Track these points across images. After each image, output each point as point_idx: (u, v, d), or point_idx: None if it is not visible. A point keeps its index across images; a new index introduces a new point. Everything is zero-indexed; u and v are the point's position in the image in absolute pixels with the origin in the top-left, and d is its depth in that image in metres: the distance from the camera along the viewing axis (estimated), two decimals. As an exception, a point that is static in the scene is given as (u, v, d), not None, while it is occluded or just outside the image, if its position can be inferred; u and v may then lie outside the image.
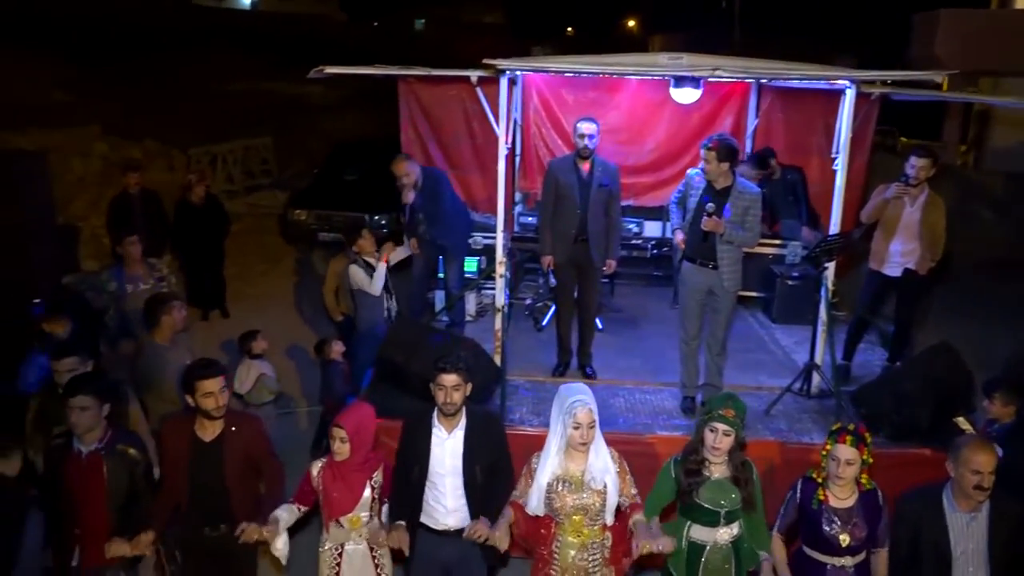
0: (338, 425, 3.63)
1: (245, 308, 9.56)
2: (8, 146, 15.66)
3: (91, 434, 3.71)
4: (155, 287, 5.97)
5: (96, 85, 21.10)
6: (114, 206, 8.28)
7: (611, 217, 5.53)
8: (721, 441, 3.49)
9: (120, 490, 3.73)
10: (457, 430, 3.66)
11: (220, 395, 3.66)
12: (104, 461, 3.72)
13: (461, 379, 3.59)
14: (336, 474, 3.67)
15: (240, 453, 3.76)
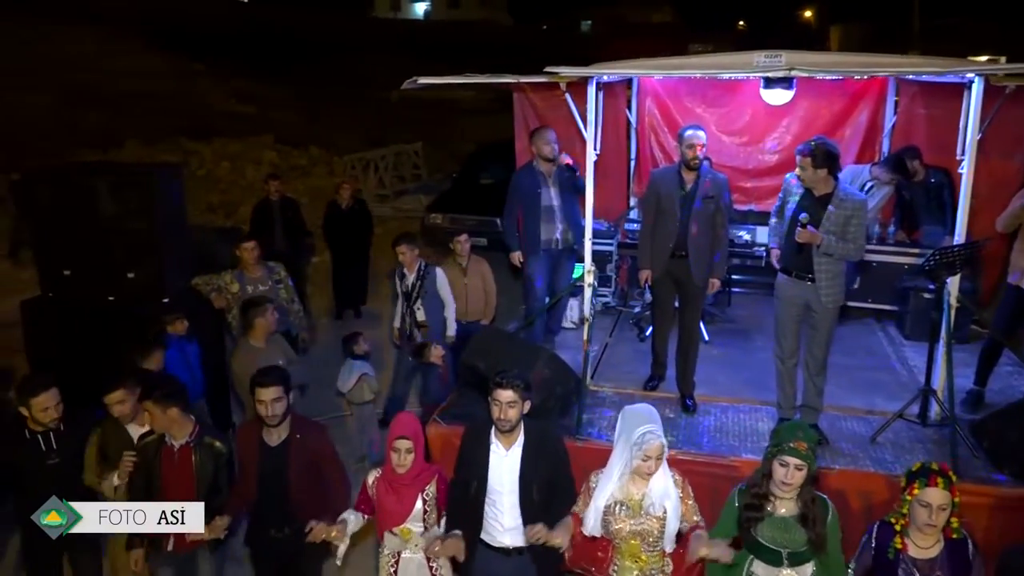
0: (402, 437, 3.62)
1: (377, 308, 9.98)
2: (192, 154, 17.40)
3: (178, 430, 3.98)
4: (272, 289, 6.35)
5: (275, 97, 22.84)
6: (256, 211, 8.97)
7: (716, 232, 5.19)
8: (792, 476, 3.15)
9: (206, 480, 3.96)
10: (515, 447, 3.57)
11: (272, 404, 3.75)
12: (193, 453, 3.97)
13: (517, 396, 3.49)
14: (389, 486, 3.70)
15: (304, 458, 3.85)
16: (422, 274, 6.39)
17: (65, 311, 6.09)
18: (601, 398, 5.41)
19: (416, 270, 6.40)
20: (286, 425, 3.87)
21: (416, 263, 6.40)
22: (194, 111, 20.46)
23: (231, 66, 24.06)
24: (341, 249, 9.44)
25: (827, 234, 4.50)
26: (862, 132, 7.05)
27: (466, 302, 6.91)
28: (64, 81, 19.64)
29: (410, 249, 6.38)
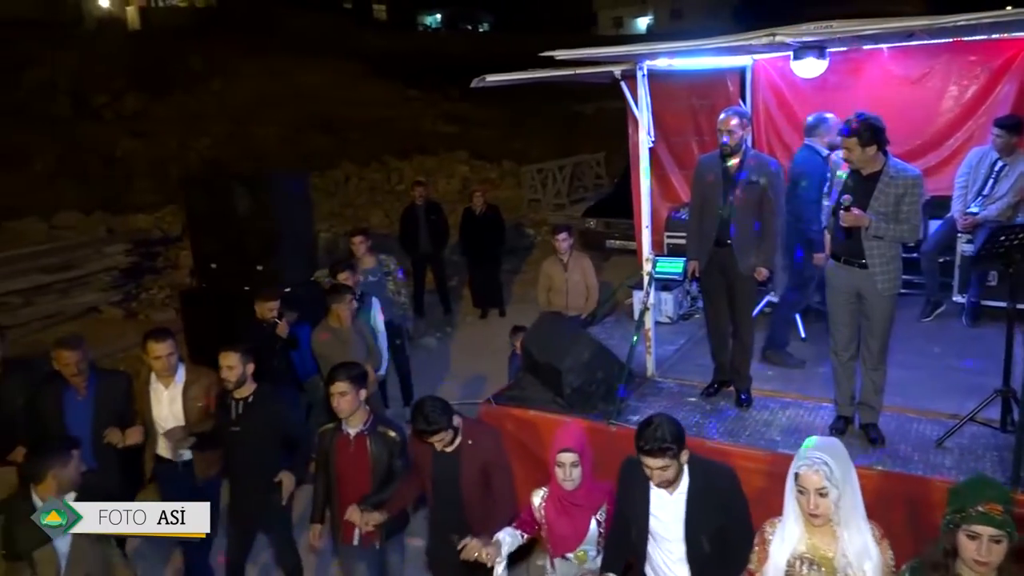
0: (567, 450, 3.39)
1: (526, 309, 10.34)
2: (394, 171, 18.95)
3: (355, 417, 3.93)
4: (381, 280, 6.93)
5: (478, 117, 24.16)
6: (404, 215, 9.75)
7: (765, 219, 4.86)
8: (989, 552, 2.39)
9: (381, 469, 3.94)
10: (679, 493, 3.17)
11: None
12: (368, 442, 3.94)
13: (667, 460, 3.07)
14: (560, 507, 3.47)
15: (477, 465, 3.70)
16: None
17: (213, 299, 7.10)
18: (659, 388, 5.31)
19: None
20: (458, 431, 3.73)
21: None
22: (404, 133, 22.31)
23: (443, 91, 25.85)
24: (475, 253, 9.91)
25: (876, 215, 4.11)
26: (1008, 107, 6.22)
27: (567, 297, 7.07)
28: (297, 110, 22.34)
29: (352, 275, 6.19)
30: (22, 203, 15.42)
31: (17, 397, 4.61)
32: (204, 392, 4.57)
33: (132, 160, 18.33)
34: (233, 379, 4.24)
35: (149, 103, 22.57)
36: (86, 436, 4.34)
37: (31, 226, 13.77)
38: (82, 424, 4.43)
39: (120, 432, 4.44)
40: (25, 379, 4.67)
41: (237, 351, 4.25)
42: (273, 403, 4.34)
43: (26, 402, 4.56)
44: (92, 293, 10.61)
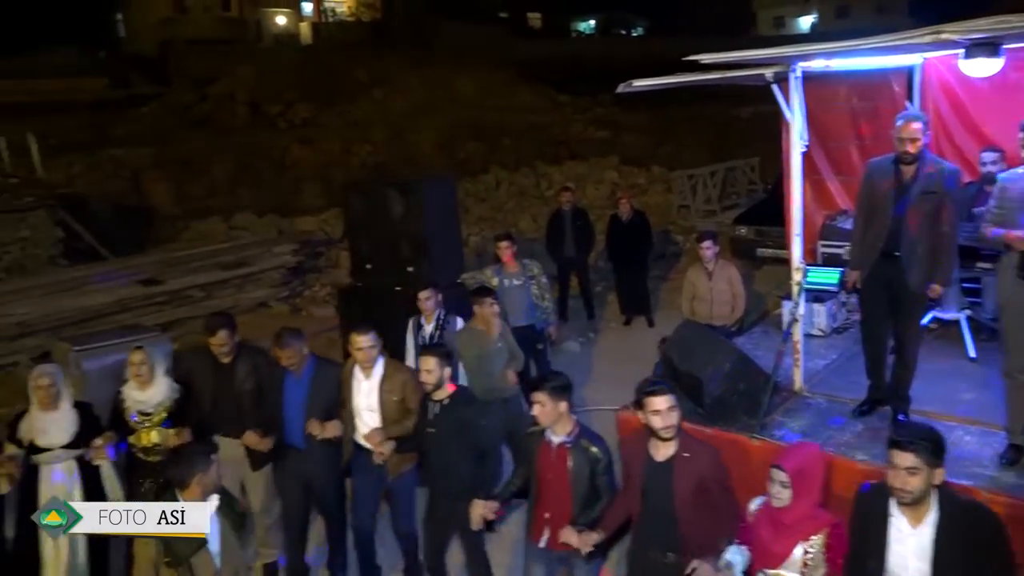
0: (778, 467, 3.30)
1: (675, 317, 10.16)
2: (543, 176, 19.17)
3: (559, 427, 3.87)
4: (525, 284, 7.05)
5: (629, 122, 24.00)
6: (551, 221, 9.86)
7: (942, 232, 4.51)
8: None
9: (581, 483, 3.84)
10: (925, 525, 2.87)
11: (668, 414, 3.51)
12: (569, 453, 3.86)
13: (919, 461, 2.79)
14: (770, 519, 3.37)
15: (692, 480, 3.54)
16: (441, 324, 6.03)
17: (368, 297, 7.46)
18: (807, 403, 5.08)
19: (435, 319, 6.05)
20: (675, 441, 3.60)
21: (436, 312, 6.06)
22: (555, 139, 22.55)
23: (595, 96, 25.87)
24: (621, 259, 9.85)
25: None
26: None
27: (711, 306, 6.91)
28: (452, 118, 23.10)
29: (434, 295, 6.05)
30: (206, 205, 16.93)
31: (247, 380, 5.04)
32: (399, 387, 4.77)
33: (301, 166, 19.63)
34: (431, 382, 4.36)
35: (317, 112, 24.09)
36: (299, 418, 4.73)
37: (213, 226, 15.06)
38: (297, 406, 4.82)
39: (320, 424, 4.74)
40: (255, 363, 5.09)
41: (435, 354, 4.37)
42: (465, 408, 4.44)
43: (255, 386, 5.00)
44: (263, 289, 11.45)
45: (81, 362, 6.84)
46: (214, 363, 5.19)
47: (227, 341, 5.08)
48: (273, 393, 5.02)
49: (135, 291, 10.26)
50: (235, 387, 5.13)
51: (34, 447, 4.82)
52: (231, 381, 5.15)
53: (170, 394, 5.03)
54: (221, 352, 5.11)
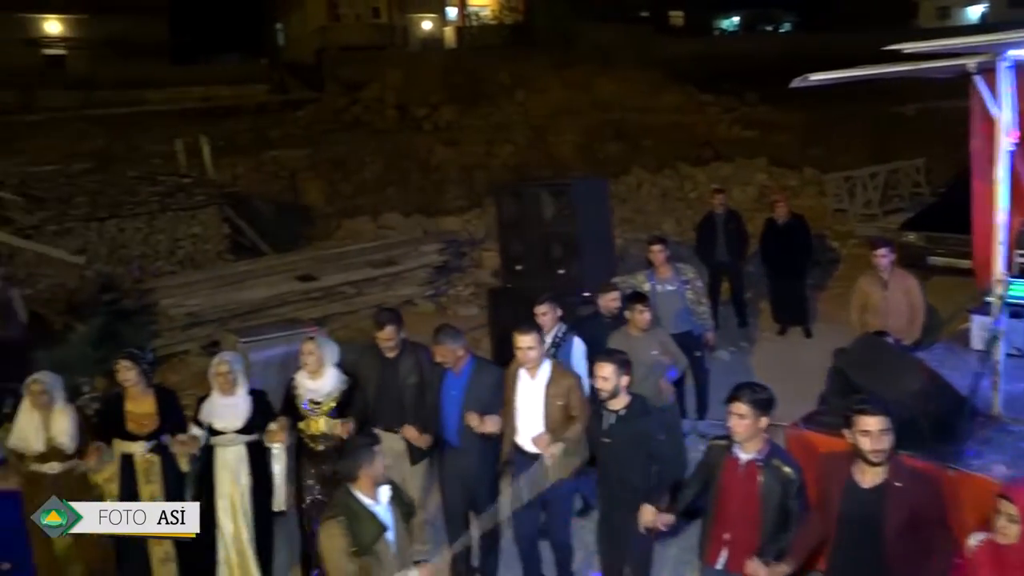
0: (1005, 497, 3.12)
1: (834, 329, 9.55)
2: (687, 178, 18.67)
3: (750, 443, 3.70)
4: (679, 290, 6.79)
5: (778, 122, 23.00)
6: (702, 223, 9.51)
7: None
8: None
9: (771, 504, 3.63)
10: None
11: (880, 437, 3.27)
12: (759, 472, 3.66)
13: None
14: (994, 557, 3.13)
15: (905, 512, 3.28)
16: (557, 342, 5.66)
17: (517, 299, 7.43)
18: (1007, 430, 4.58)
19: (552, 336, 5.64)
20: (884, 467, 3.34)
21: (554, 328, 5.66)
22: (698, 139, 21.92)
23: (740, 95, 24.97)
24: (777, 265, 9.35)
25: None
26: None
27: (886, 318, 6.42)
28: (593, 119, 22.93)
29: (552, 309, 5.67)
30: (356, 204, 17.59)
31: (410, 375, 5.18)
32: (564, 392, 4.72)
33: (445, 167, 20.04)
34: (607, 389, 4.27)
35: (461, 114, 24.56)
36: (456, 416, 4.79)
37: (363, 225, 15.60)
38: (454, 404, 4.89)
39: (480, 418, 4.75)
40: (419, 359, 5.22)
41: (613, 361, 4.28)
42: (642, 420, 4.31)
43: (417, 381, 5.13)
44: (410, 287, 11.71)
45: (248, 353, 7.19)
46: (380, 358, 5.34)
47: (393, 336, 5.21)
48: (433, 390, 5.09)
49: (293, 286, 10.73)
50: (398, 382, 5.27)
51: (212, 430, 5.10)
52: (395, 376, 5.29)
53: (339, 385, 5.20)
54: (387, 346, 5.24)
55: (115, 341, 9.94)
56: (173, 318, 9.82)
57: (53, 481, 4.88)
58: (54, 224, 11.33)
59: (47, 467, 4.89)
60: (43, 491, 4.85)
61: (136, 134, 22.28)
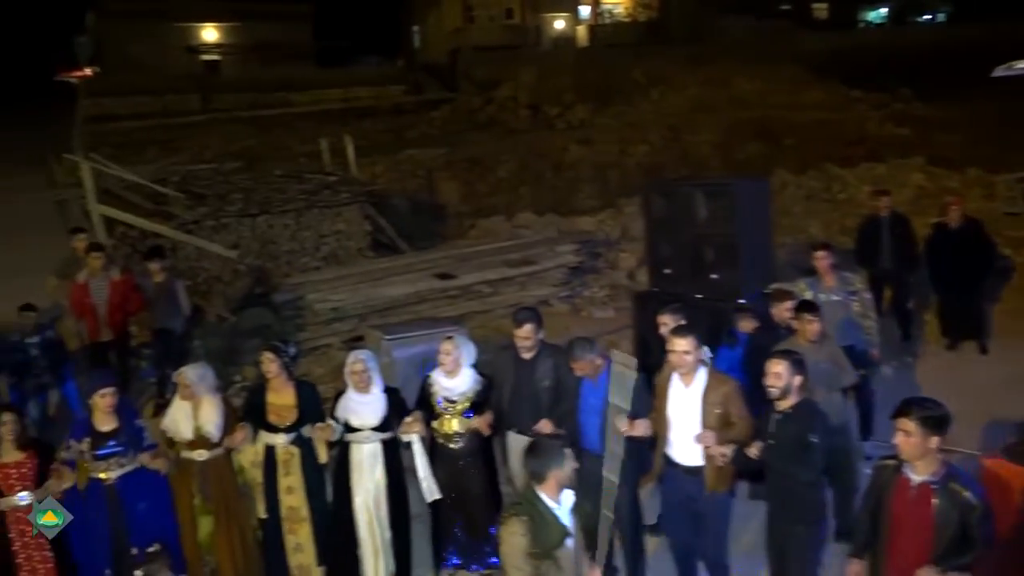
0: None
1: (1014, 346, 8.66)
2: (835, 179, 17.64)
3: (922, 464, 3.48)
4: (844, 300, 6.30)
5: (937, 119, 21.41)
6: (863, 227, 8.86)
7: None
8: None
9: (946, 531, 3.38)
10: None
11: None
12: (933, 495, 3.42)
13: None
14: None
15: None
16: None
17: (665, 303, 7.12)
18: None
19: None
20: None
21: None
22: (846, 138, 20.68)
23: (892, 91, 23.45)
24: (948, 274, 8.55)
25: None
26: None
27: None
28: (731, 117, 22.07)
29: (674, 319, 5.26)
30: (490, 203, 17.69)
31: (546, 377, 5.10)
32: (722, 399, 4.49)
33: (578, 166, 19.84)
34: (779, 386, 4.14)
35: (593, 113, 24.29)
36: (596, 423, 4.67)
37: (497, 224, 15.64)
38: (594, 411, 4.76)
39: (629, 422, 4.57)
40: (555, 362, 5.12)
41: (786, 358, 4.13)
42: (807, 420, 4.09)
43: (553, 384, 5.05)
44: (545, 287, 11.58)
45: (392, 350, 7.25)
46: (515, 358, 5.27)
47: (531, 335, 5.12)
48: (570, 396, 4.98)
49: (432, 284, 10.82)
50: (534, 384, 5.17)
51: (348, 426, 5.16)
52: (530, 377, 5.20)
53: (474, 385, 5.19)
54: (524, 346, 5.16)
55: (264, 333, 10.40)
56: (318, 312, 10.10)
57: (200, 468, 5.09)
58: (212, 220, 11.94)
59: (195, 454, 5.07)
60: (191, 477, 5.12)
61: (282, 134, 23.38)
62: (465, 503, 5.25)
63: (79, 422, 5.10)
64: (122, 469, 4.90)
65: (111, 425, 4.92)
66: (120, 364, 7.79)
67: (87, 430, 4.91)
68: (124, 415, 5.01)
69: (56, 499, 4.72)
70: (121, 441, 4.90)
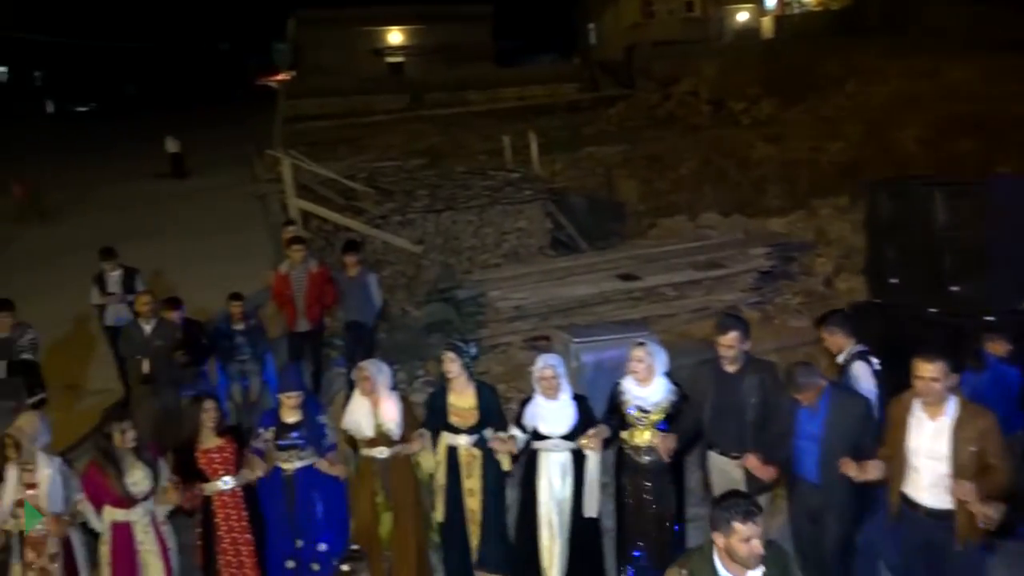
0: None
1: None
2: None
3: None
4: None
5: None
6: None
7: None
8: None
9: None
10: None
11: None
12: None
13: None
14: None
15: None
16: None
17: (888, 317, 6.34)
18: None
19: None
20: None
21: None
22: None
23: None
24: None
25: None
26: None
27: None
28: (940, 111, 19.99)
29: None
30: (670, 202, 17.05)
31: (752, 395, 4.68)
32: (977, 436, 3.87)
33: (765, 164, 18.73)
34: None
35: (781, 108, 22.89)
36: (812, 450, 4.24)
37: (680, 224, 15.02)
38: (811, 438, 4.32)
39: (857, 465, 4.08)
40: (763, 379, 4.70)
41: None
42: None
43: (760, 402, 4.63)
44: (733, 293, 10.88)
45: (580, 354, 6.97)
46: (717, 371, 4.83)
47: (735, 344, 4.69)
48: (783, 419, 4.50)
49: (615, 285, 10.46)
50: (739, 401, 4.72)
51: (536, 434, 5.00)
52: (735, 394, 4.75)
53: (668, 395, 4.87)
54: (727, 356, 4.73)
55: (445, 329, 10.46)
56: (500, 310, 10.01)
57: (381, 465, 5.08)
58: (399, 215, 12.21)
59: (376, 451, 5.06)
60: (371, 476, 5.10)
61: (461, 132, 23.83)
62: (648, 522, 4.94)
63: (267, 412, 5.26)
64: (301, 462, 4.97)
65: (296, 418, 5.00)
66: (314, 356, 7.98)
67: (274, 420, 5.03)
68: (309, 410, 5.08)
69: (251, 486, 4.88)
70: (303, 435, 4.97)
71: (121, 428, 4.56)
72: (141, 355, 6.54)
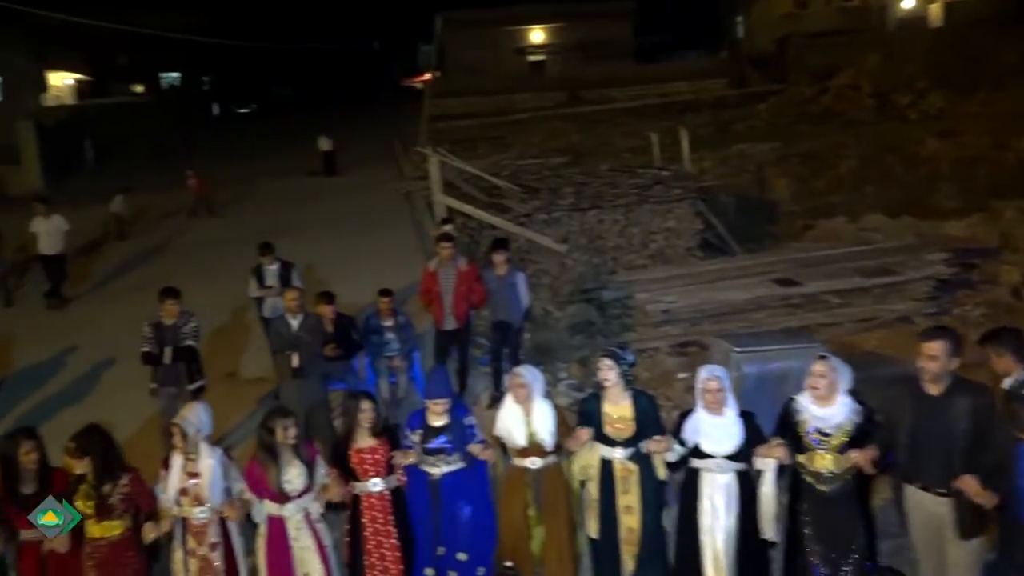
0: None
1: None
2: None
3: None
4: None
5: None
6: None
7: None
8: None
9: None
10: None
11: None
12: None
13: None
14: None
15: None
16: None
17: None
18: None
19: None
20: None
21: None
22: None
23: None
24: None
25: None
26: None
27: None
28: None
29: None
30: (827, 202, 15.98)
31: (961, 421, 4.13)
32: None
33: (936, 162, 17.23)
34: None
35: (953, 102, 21.05)
36: None
37: (840, 226, 14.02)
38: None
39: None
40: (975, 403, 4.13)
41: None
42: None
43: (970, 430, 4.10)
44: (906, 302, 9.95)
45: (742, 365, 6.48)
46: (916, 393, 4.25)
47: (940, 355, 4.10)
48: (1001, 452, 3.96)
49: (772, 290, 9.79)
50: (945, 427, 4.14)
51: (697, 450, 4.64)
52: (940, 418, 4.17)
53: (852, 416, 4.36)
54: (930, 371, 4.14)
55: (588, 331, 10.14)
56: (648, 313, 9.58)
57: (534, 476, 4.88)
58: (544, 213, 12.00)
59: (528, 461, 4.86)
60: (523, 487, 4.90)
61: (604, 130, 23.44)
62: (829, 558, 4.41)
63: (415, 413, 5.13)
64: (448, 467, 4.83)
65: (443, 421, 4.87)
66: (461, 355, 7.88)
67: (421, 422, 4.91)
68: (456, 414, 4.93)
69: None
70: (450, 440, 4.83)
71: (284, 424, 4.56)
72: (289, 350, 6.61)
